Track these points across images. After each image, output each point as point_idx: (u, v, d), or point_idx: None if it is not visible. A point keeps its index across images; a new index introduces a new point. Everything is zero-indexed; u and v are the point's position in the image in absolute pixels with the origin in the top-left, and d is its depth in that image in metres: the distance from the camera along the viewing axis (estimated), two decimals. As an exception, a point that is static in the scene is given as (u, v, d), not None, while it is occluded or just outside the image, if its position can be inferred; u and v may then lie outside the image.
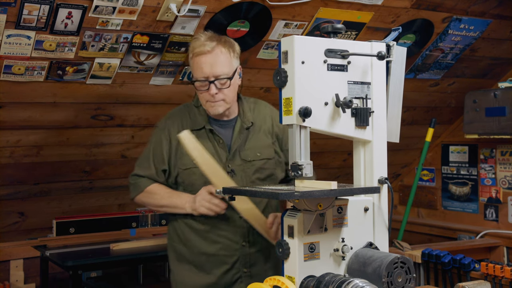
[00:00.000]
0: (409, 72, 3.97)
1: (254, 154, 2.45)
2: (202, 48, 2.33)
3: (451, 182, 4.68)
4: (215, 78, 2.33)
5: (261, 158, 2.45)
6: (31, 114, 3.18)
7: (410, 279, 1.89)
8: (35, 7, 2.58)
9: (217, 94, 2.34)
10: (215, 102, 2.36)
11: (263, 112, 2.55)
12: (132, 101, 3.37)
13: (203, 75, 2.34)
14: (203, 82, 2.34)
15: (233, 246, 2.42)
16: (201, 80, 2.34)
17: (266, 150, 2.47)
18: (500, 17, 3.74)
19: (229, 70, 2.35)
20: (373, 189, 2.02)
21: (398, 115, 2.15)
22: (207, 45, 2.33)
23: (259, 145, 2.47)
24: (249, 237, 2.42)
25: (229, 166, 2.41)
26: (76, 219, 3.66)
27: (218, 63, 2.33)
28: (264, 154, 2.46)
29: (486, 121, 4.01)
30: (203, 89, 2.35)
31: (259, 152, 2.46)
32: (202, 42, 2.34)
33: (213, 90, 2.33)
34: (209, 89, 2.33)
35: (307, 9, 3.12)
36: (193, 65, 2.38)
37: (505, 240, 4.16)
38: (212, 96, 2.34)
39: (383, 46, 2.07)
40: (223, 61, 2.34)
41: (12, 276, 3.79)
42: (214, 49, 2.33)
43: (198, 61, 2.35)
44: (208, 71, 2.32)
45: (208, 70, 2.32)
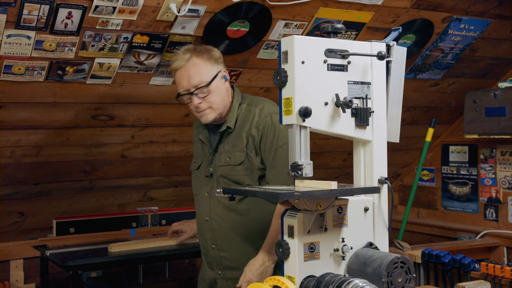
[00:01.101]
0: (409, 72, 3.97)
1: (224, 159, 2.50)
2: (177, 63, 2.43)
3: (451, 182, 4.68)
4: (195, 89, 2.41)
5: (228, 164, 2.48)
6: (31, 114, 3.18)
7: (410, 279, 1.89)
8: (35, 7, 2.58)
9: (201, 104, 2.42)
10: (202, 112, 2.44)
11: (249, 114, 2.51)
12: (132, 101, 3.37)
13: (183, 89, 2.44)
14: (186, 95, 2.43)
15: (206, 247, 2.58)
16: (183, 94, 2.44)
17: (236, 155, 2.48)
18: (500, 17, 3.74)
19: (207, 77, 2.42)
20: (373, 189, 2.02)
21: (398, 115, 2.15)
22: (180, 59, 2.43)
23: (231, 150, 2.50)
24: (217, 241, 2.53)
25: (210, 169, 2.54)
26: (76, 219, 3.65)
27: (194, 74, 2.41)
28: (233, 159, 2.48)
29: (486, 121, 4.01)
30: (188, 101, 2.45)
31: (229, 157, 2.49)
32: (177, 57, 2.45)
33: (196, 101, 2.42)
34: (192, 101, 2.43)
35: (307, 9, 3.12)
36: (175, 81, 2.49)
37: (505, 240, 4.16)
38: (196, 107, 2.43)
39: (383, 46, 2.07)
40: (198, 70, 2.41)
41: (12, 276, 3.79)
42: (188, 62, 2.41)
43: (176, 76, 2.46)
44: (186, 84, 2.42)
45: (186, 83, 2.42)
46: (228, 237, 2.49)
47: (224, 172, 2.49)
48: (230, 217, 2.48)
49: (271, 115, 2.47)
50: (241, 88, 3.54)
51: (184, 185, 4.06)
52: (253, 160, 2.46)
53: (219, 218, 2.50)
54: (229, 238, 2.49)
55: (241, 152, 2.47)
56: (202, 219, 2.57)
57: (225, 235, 2.50)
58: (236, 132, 2.50)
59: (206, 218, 2.53)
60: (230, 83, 2.57)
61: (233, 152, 2.48)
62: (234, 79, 3.47)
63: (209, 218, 2.53)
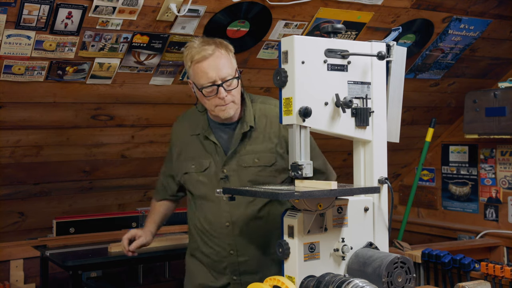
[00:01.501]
0: (409, 72, 3.97)
1: (252, 160, 2.35)
2: (203, 53, 2.25)
3: (451, 182, 4.68)
4: (222, 81, 2.25)
5: (258, 165, 2.35)
6: (31, 114, 3.18)
7: (410, 279, 1.89)
8: (35, 7, 2.58)
9: (226, 97, 2.27)
10: (226, 105, 2.28)
11: (271, 113, 2.42)
12: (132, 101, 3.37)
13: (209, 80, 2.25)
14: (211, 87, 2.26)
15: (222, 253, 2.39)
16: (208, 86, 2.26)
17: (265, 155, 2.36)
18: (500, 17, 3.74)
19: (232, 70, 2.29)
20: (373, 189, 2.02)
21: (398, 115, 2.15)
22: (206, 49, 2.25)
23: (258, 150, 2.36)
24: (237, 247, 2.37)
25: (224, 171, 2.35)
26: (76, 219, 3.66)
27: (222, 65, 2.26)
28: (262, 160, 2.35)
29: (486, 121, 4.01)
30: (211, 94, 2.27)
31: (258, 158, 2.36)
32: (201, 48, 2.26)
33: (223, 93, 2.26)
34: (219, 93, 2.26)
35: (307, 9, 3.12)
36: (195, 73, 2.29)
37: (505, 240, 4.16)
38: (222, 100, 2.27)
39: (383, 46, 2.07)
40: (225, 62, 2.27)
41: (12, 276, 3.79)
42: (214, 52, 2.26)
43: (201, 67, 2.26)
44: (214, 75, 2.25)
45: (214, 74, 2.24)
46: (249, 242, 2.37)
47: (251, 173, 2.34)
48: (252, 221, 2.36)
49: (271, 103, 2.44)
50: (241, 88, 3.55)
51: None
52: (285, 160, 2.38)
53: (242, 223, 2.36)
54: (250, 243, 2.37)
55: (271, 153, 2.37)
56: (219, 225, 2.37)
57: (247, 240, 2.37)
58: (259, 132, 2.38)
59: (227, 224, 2.35)
60: None
61: (262, 153, 2.35)
62: (234, 79, 3.47)
63: (230, 224, 2.35)
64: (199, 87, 2.28)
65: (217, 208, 2.37)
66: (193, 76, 2.30)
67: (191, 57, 2.28)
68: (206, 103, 2.31)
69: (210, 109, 2.33)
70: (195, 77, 2.30)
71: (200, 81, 2.27)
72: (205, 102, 2.32)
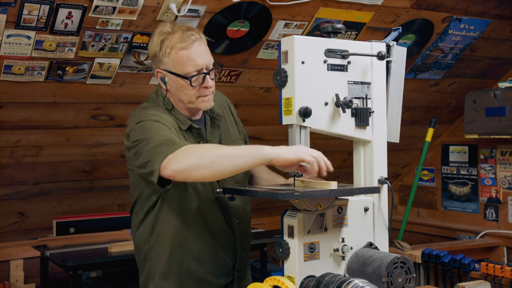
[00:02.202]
0: (409, 72, 3.97)
1: None
2: (190, 38, 2.07)
3: (451, 182, 4.68)
4: (207, 70, 2.10)
5: None
6: (31, 114, 3.18)
7: (410, 279, 1.89)
8: (35, 7, 2.58)
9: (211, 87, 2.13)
10: (209, 96, 2.13)
11: (220, 100, 2.34)
12: (132, 101, 3.37)
13: (196, 68, 2.08)
14: (197, 76, 2.08)
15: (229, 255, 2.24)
16: (195, 75, 2.08)
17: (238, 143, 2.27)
18: (500, 17, 3.74)
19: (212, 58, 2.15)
20: (373, 189, 2.02)
21: (398, 115, 2.15)
22: (192, 35, 2.08)
23: (231, 140, 2.27)
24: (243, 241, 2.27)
25: None
26: (76, 219, 3.66)
27: (205, 52, 2.11)
28: None
29: (486, 121, 4.01)
30: (196, 84, 2.09)
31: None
32: (184, 33, 2.08)
33: (210, 82, 2.11)
34: (205, 82, 2.09)
35: (307, 9, 3.12)
36: (178, 60, 2.08)
37: (505, 240, 4.16)
38: (207, 89, 2.11)
39: (383, 46, 2.07)
40: (207, 49, 2.13)
41: (12, 276, 3.79)
42: (198, 38, 2.10)
43: (187, 54, 2.06)
44: (201, 62, 2.08)
45: (201, 61, 2.08)
46: (249, 236, 2.32)
47: None
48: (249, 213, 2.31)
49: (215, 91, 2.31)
50: (241, 88, 3.56)
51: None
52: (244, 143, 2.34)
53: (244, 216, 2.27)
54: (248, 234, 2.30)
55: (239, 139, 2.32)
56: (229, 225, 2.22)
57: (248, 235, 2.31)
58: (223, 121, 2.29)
59: (237, 221, 2.22)
60: (229, 83, 2.52)
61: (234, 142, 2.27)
62: (234, 79, 3.47)
63: (239, 220, 2.23)
64: (184, 75, 2.08)
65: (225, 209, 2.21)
66: (174, 63, 2.09)
67: (173, 43, 2.07)
68: (187, 94, 2.11)
69: (189, 100, 2.13)
70: (176, 65, 2.09)
71: (185, 69, 2.08)
72: (184, 93, 2.12)
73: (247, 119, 3.74)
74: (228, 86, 3.47)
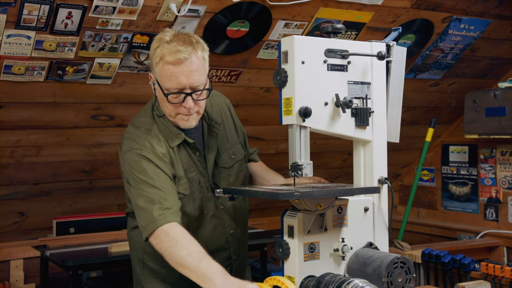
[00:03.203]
0: (409, 72, 3.97)
1: (230, 158, 2.21)
2: (177, 55, 1.95)
3: (451, 182, 4.68)
4: (191, 90, 1.99)
5: (236, 161, 2.22)
6: (31, 114, 3.18)
7: (410, 279, 1.89)
8: (35, 7, 2.58)
9: (192, 108, 2.02)
10: (189, 116, 2.04)
11: (219, 103, 2.28)
12: (132, 101, 3.37)
13: (178, 86, 1.98)
14: (178, 94, 1.99)
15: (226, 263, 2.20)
16: (175, 92, 1.98)
17: (237, 149, 2.26)
18: (500, 17, 3.74)
19: (204, 77, 2.02)
20: (373, 189, 2.02)
21: (398, 115, 2.15)
22: (182, 52, 1.96)
23: (230, 146, 2.23)
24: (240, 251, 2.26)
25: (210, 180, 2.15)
26: (76, 219, 3.66)
27: (195, 72, 1.98)
28: (237, 154, 2.24)
29: (486, 121, 4.01)
30: (176, 102, 2.00)
31: (233, 153, 2.23)
32: (176, 48, 1.96)
33: (190, 104, 2.00)
34: (185, 102, 1.99)
35: (307, 9, 3.12)
36: (163, 73, 1.99)
37: (505, 240, 4.16)
38: (187, 110, 2.02)
39: (383, 46, 2.07)
40: (199, 68, 1.99)
41: (12, 276, 3.79)
42: (190, 56, 1.97)
43: (172, 70, 1.97)
44: (184, 82, 1.97)
45: (184, 81, 1.97)
46: (246, 244, 2.32)
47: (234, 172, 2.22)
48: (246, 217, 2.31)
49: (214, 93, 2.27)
50: (241, 88, 3.56)
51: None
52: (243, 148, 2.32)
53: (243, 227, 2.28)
54: (246, 244, 2.32)
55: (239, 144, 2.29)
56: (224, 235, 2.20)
57: (245, 243, 2.31)
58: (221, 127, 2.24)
59: (232, 231, 2.21)
60: (229, 83, 2.51)
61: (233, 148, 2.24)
62: (234, 79, 3.47)
63: (234, 230, 2.22)
64: (164, 90, 2.00)
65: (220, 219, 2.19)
66: (160, 75, 2.01)
67: (162, 55, 1.98)
68: (168, 108, 2.04)
69: (169, 115, 2.06)
70: (161, 77, 2.00)
71: (166, 84, 1.99)
72: (165, 106, 2.04)
73: (247, 119, 3.75)
74: (228, 86, 3.47)
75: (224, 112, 2.30)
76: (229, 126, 2.28)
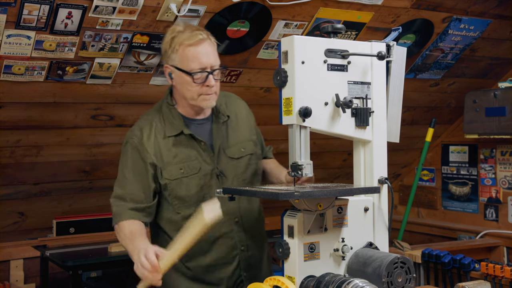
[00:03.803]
0: (409, 72, 3.97)
1: (239, 150, 2.31)
2: (197, 37, 2.15)
3: (451, 182, 4.68)
4: (211, 69, 2.17)
5: (245, 154, 2.32)
6: (31, 114, 3.18)
7: (410, 279, 1.89)
8: (35, 7, 2.58)
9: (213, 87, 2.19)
10: (211, 95, 2.19)
11: (236, 104, 2.42)
12: (132, 101, 3.37)
13: (200, 66, 2.15)
14: (201, 73, 2.15)
15: (232, 253, 2.28)
16: (199, 72, 2.15)
17: (248, 144, 2.35)
18: (500, 17, 3.74)
19: (219, 61, 2.22)
20: (373, 189, 2.02)
21: (398, 115, 2.15)
22: (200, 34, 2.16)
23: (241, 140, 2.33)
24: (247, 241, 2.30)
25: (217, 168, 2.25)
26: (76, 219, 3.66)
27: (211, 53, 2.18)
28: (247, 149, 2.34)
29: (486, 121, 4.01)
30: (200, 81, 2.16)
31: (243, 147, 2.33)
32: (193, 32, 2.16)
33: (212, 81, 2.16)
34: (207, 80, 2.16)
35: (307, 9, 3.12)
36: (184, 56, 2.16)
37: (505, 240, 4.16)
38: (209, 88, 2.18)
39: (383, 46, 2.07)
40: (215, 51, 2.20)
41: (12, 276, 3.79)
42: (206, 39, 2.17)
43: (193, 51, 2.15)
44: (206, 61, 2.15)
45: (205, 60, 2.15)
46: (254, 235, 2.33)
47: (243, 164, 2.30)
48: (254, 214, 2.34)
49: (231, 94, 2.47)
50: (241, 88, 3.56)
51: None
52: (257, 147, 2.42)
53: (249, 216, 2.31)
54: (254, 236, 2.33)
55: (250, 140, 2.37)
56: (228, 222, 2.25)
57: (252, 233, 2.32)
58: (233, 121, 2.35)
59: (236, 219, 2.27)
60: (229, 83, 2.54)
61: (244, 142, 2.34)
62: (234, 79, 3.47)
63: (239, 218, 2.28)
64: (188, 71, 2.16)
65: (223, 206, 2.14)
66: (180, 60, 2.17)
67: (182, 40, 2.15)
68: (190, 90, 2.19)
69: (191, 97, 2.20)
70: (183, 61, 2.17)
71: (190, 65, 2.16)
72: (187, 89, 2.19)
73: (247, 119, 3.74)
74: (228, 86, 3.47)
75: (240, 111, 2.42)
76: (242, 123, 2.38)
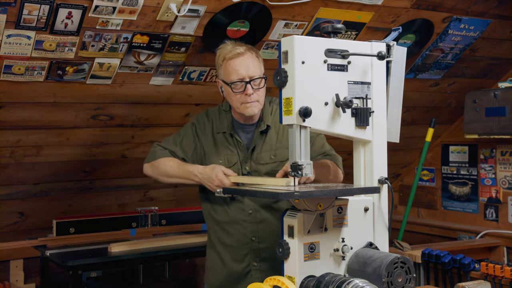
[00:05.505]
0: (409, 72, 3.97)
1: (268, 157, 2.51)
2: (235, 51, 2.42)
3: (451, 182, 4.68)
4: (250, 79, 2.40)
5: (274, 161, 2.50)
6: (31, 114, 3.18)
7: (410, 279, 1.89)
8: (35, 7, 2.58)
9: (252, 95, 2.42)
10: (251, 103, 2.43)
11: None
12: (132, 101, 3.37)
13: (238, 77, 2.41)
14: (240, 83, 2.41)
15: (244, 240, 2.51)
16: (237, 82, 2.41)
17: (281, 152, 2.51)
18: (500, 17, 3.74)
19: (260, 72, 2.45)
20: (373, 189, 2.02)
21: (398, 115, 2.15)
22: (239, 48, 2.43)
23: (274, 147, 2.52)
24: (258, 233, 2.50)
25: (245, 168, 2.51)
26: (76, 219, 3.65)
27: (251, 65, 2.42)
28: (278, 156, 2.50)
29: (486, 121, 4.01)
30: (238, 91, 2.42)
31: (274, 154, 2.51)
32: (233, 47, 2.44)
33: (250, 90, 2.41)
34: (246, 90, 2.41)
35: (307, 9, 3.12)
36: (226, 69, 2.45)
37: (505, 240, 4.16)
38: (248, 97, 2.41)
39: (383, 46, 2.07)
40: (255, 63, 2.44)
41: (12, 276, 3.79)
42: (245, 52, 2.43)
43: (232, 64, 2.42)
44: (243, 72, 2.40)
45: (243, 71, 2.40)
46: (269, 229, 2.50)
47: (268, 169, 2.49)
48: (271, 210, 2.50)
49: None
50: (241, 88, 3.55)
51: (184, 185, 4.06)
52: None
53: (264, 211, 2.50)
54: (269, 230, 2.50)
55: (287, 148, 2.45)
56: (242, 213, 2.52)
57: (267, 227, 2.50)
58: (276, 130, 2.54)
59: (250, 211, 2.50)
60: None
61: (277, 150, 2.52)
62: (234, 79, 3.47)
63: (252, 211, 2.50)
64: (228, 82, 2.43)
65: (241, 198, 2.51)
66: (224, 73, 2.46)
67: (224, 55, 2.45)
68: (233, 100, 2.45)
69: (236, 106, 2.46)
70: (225, 74, 2.45)
71: (230, 77, 2.43)
72: (232, 99, 2.46)
73: (247, 119, 3.74)
74: (228, 86, 3.47)
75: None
76: (282, 132, 2.55)
